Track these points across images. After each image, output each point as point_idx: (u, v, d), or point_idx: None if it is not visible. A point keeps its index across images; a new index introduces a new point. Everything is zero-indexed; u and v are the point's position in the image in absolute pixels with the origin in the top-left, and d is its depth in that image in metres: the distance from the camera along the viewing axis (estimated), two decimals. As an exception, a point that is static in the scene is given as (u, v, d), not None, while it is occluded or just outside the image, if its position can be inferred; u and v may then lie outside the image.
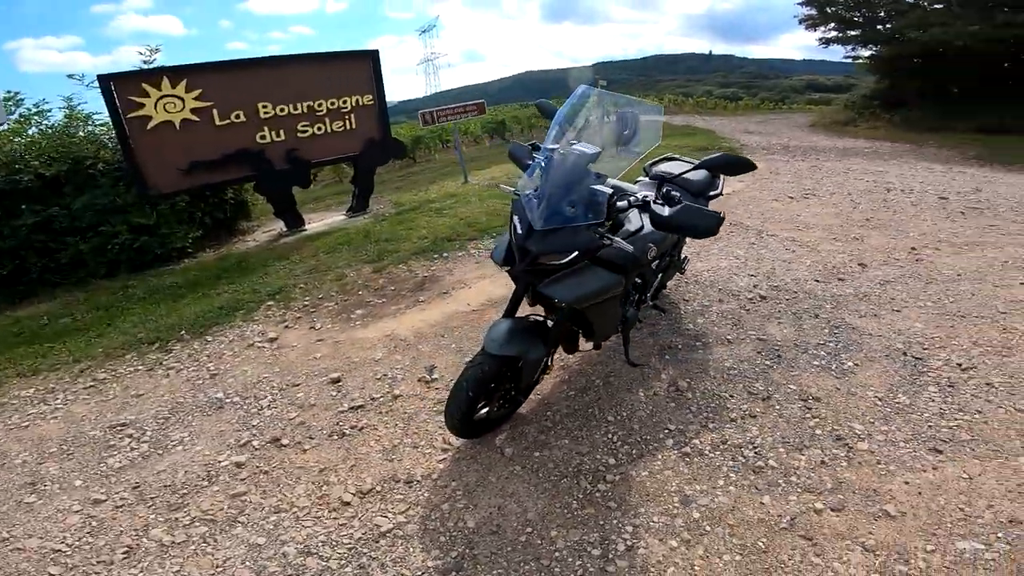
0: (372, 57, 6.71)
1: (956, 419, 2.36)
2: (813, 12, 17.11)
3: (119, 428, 2.85)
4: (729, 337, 3.23)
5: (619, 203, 2.16)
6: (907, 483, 2.02)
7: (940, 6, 14.33)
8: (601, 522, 1.99)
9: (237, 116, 5.80)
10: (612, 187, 2.10)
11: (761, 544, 1.84)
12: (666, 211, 2.06)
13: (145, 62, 6.18)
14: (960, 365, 2.79)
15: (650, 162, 3.42)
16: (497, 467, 2.29)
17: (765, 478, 2.12)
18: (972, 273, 4.02)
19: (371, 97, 6.73)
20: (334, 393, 2.97)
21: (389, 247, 5.27)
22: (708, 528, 1.92)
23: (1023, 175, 8.04)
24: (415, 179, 10.57)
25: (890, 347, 3.02)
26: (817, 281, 3.98)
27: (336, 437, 2.60)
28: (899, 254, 4.51)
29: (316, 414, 2.80)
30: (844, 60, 18.81)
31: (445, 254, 4.98)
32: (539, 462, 2.30)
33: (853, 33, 16.86)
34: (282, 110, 6.09)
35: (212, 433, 2.74)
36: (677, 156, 3.53)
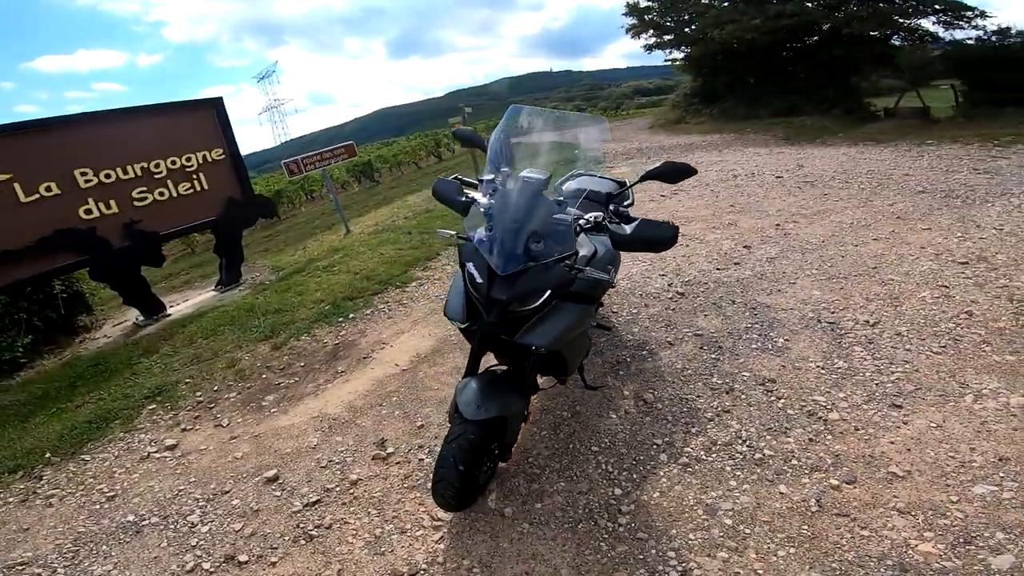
0: (215, 105, 6.04)
1: (893, 373, 2.63)
2: (635, 21, 19.07)
3: (20, 567, 2.27)
4: (668, 339, 3.31)
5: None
6: (893, 443, 2.18)
7: (727, 4, 16.66)
8: (641, 556, 1.87)
9: (48, 188, 4.78)
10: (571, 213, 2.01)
11: (806, 531, 1.86)
12: (627, 229, 2.01)
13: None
14: (868, 322, 3.13)
15: (559, 180, 3.39)
16: (505, 531, 2.07)
17: (770, 468, 2.16)
18: (832, 238, 4.61)
19: (221, 151, 6.04)
20: (277, 493, 2.51)
21: (283, 319, 4.71)
22: (747, 531, 1.90)
23: (828, 148, 9.56)
24: (285, 238, 9.77)
25: (805, 317, 3.31)
26: (719, 269, 4.28)
27: (304, 541, 2.19)
28: (770, 232, 5.03)
29: (267, 520, 2.34)
30: (664, 63, 21.24)
31: (351, 315, 4.56)
32: (546, 513, 2.12)
33: (668, 37, 18.98)
34: (108, 176, 5.14)
35: (144, 561, 2.21)
36: (584, 171, 3.56)
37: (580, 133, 2.40)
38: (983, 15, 12.34)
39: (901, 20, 13.56)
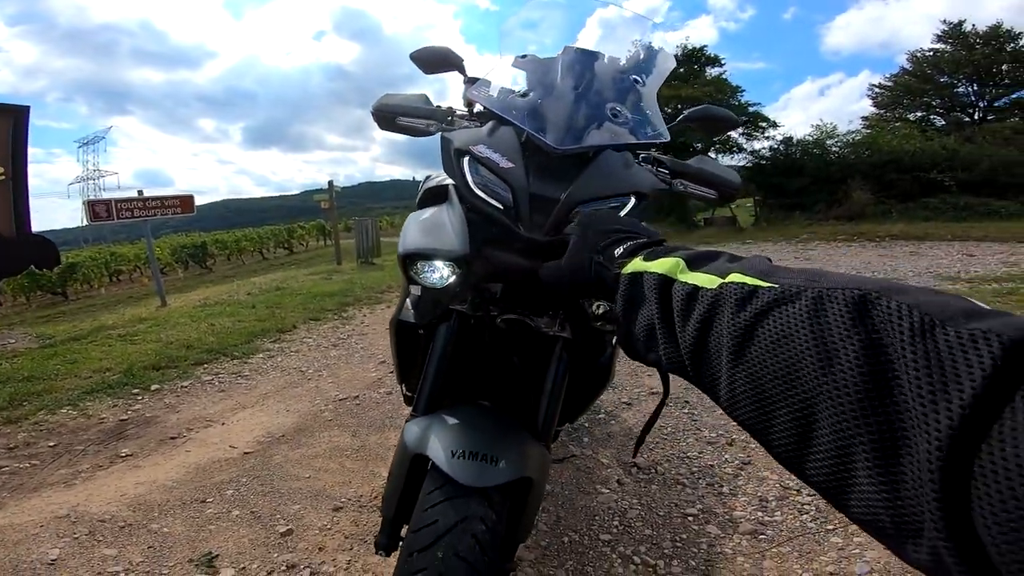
0: (15, 114, 4.45)
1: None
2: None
3: None
4: (624, 400, 2.61)
5: None
6: None
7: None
8: None
9: None
10: None
11: None
12: (690, 161, 1.14)
13: None
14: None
15: None
16: None
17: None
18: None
19: (0, 171, 4.37)
20: None
21: (33, 387, 3.07)
22: None
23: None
24: (68, 317, 7.38)
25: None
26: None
27: None
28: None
29: None
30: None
31: (154, 386, 3.09)
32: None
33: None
34: None
35: None
36: None
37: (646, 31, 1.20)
38: (775, 125, 14.67)
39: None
